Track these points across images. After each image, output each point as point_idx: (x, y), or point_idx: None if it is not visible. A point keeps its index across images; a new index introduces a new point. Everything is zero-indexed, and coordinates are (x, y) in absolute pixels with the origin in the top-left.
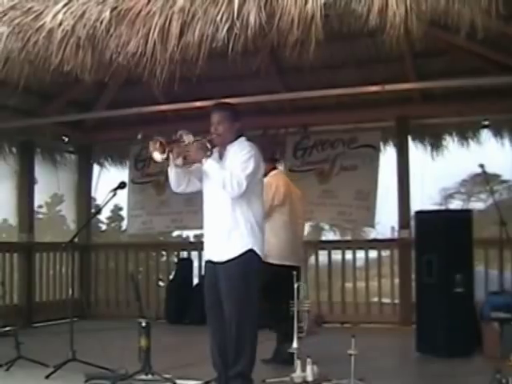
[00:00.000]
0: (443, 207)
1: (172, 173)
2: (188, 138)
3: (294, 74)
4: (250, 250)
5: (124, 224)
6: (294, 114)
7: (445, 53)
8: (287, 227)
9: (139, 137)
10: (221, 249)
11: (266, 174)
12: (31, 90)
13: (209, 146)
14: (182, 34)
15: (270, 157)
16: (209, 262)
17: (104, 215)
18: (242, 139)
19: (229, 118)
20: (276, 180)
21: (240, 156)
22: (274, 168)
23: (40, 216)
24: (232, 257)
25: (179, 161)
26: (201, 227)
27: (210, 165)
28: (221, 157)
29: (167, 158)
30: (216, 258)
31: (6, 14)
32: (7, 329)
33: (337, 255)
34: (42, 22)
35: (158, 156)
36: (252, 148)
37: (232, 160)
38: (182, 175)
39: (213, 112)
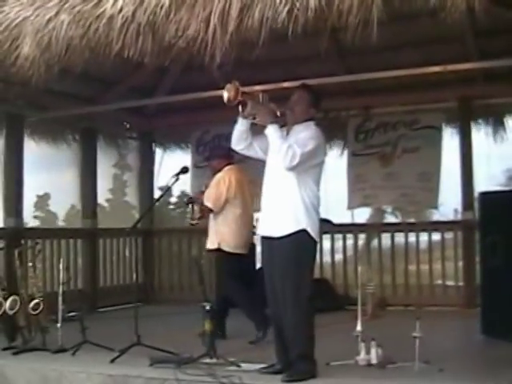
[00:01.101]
0: (508, 188)
1: (237, 129)
2: (264, 100)
3: (354, 56)
4: (304, 230)
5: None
6: (355, 97)
7: (507, 31)
8: (239, 219)
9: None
10: (275, 225)
11: (220, 169)
12: (93, 77)
13: (278, 114)
14: (241, 16)
15: (224, 153)
16: (264, 237)
17: (170, 201)
18: (311, 123)
19: (307, 101)
20: (229, 175)
21: (304, 135)
22: (229, 164)
23: (105, 203)
24: (285, 234)
25: (247, 114)
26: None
27: (272, 130)
28: (287, 133)
29: (236, 106)
30: (270, 233)
31: (66, 2)
32: (73, 314)
33: (400, 238)
34: (102, 9)
35: (225, 96)
36: (317, 132)
37: (295, 137)
38: (245, 135)
39: (296, 90)
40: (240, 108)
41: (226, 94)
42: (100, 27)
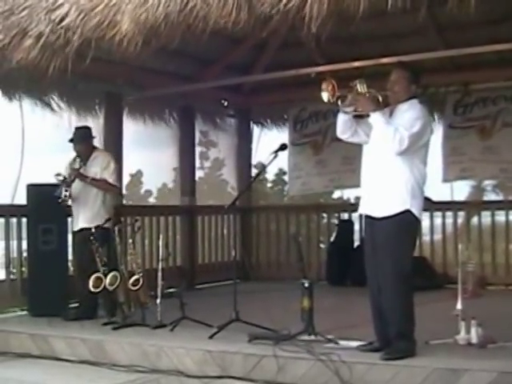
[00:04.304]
0: None
1: (340, 119)
2: (362, 88)
3: (453, 31)
4: (408, 211)
5: (287, 187)
6: (454, 72)
7: None
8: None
9: (313, 75)
10: (378, 205)
11: (91, 151)
12: (190, 55)
13: (380, 99)
14: None
15: (90, 134)
16: (367, 216)
17: (268, 178)
18: (415, 101)
19: (407, 79)
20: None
21: (409, 115)
22: (94, 145)
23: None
24: (389, 214)
25: (348, 107)
26: (358, 186)
27: (376, 117)
28: (390, 114)
29: (336, 102)
30: (372, 213)
31: None
32: (172, 290)
33: (500, 216)
34: None
35: (325, 96)
36: (422, 111)
37: (400, 118)
38: (349, 124)
39: (393, 70)
40: (340, 102)
41: (325, 94)
42: (197, 3)
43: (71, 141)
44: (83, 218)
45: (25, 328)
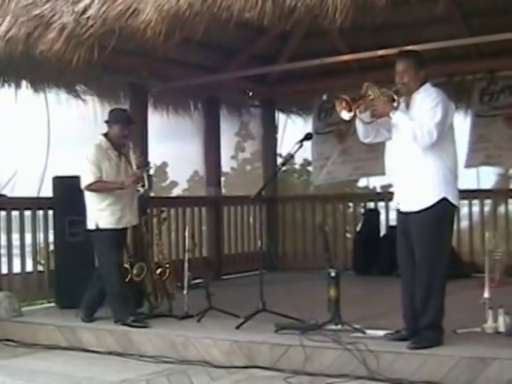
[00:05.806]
0: None
1: (360, 125)
2: (374, 92)
3: (478, 18)
4: (444, 199)
5: (312, 177)
6: (480, 60)
7: None
8: None
9: (324, 98)
10: (413, 198)
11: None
12: (214, 45)
13: (395, 97)
14: None
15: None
16: (400, 212)
17: (294, 168)
18: (428, 86)
19: (414, 67)
20: None
21: (427, 103)
22: None
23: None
24: (425, 206)
25: (367, 117)
26: (382, 173)
27: (398, 117)
28: (407, 106)
29: (356, 114)
30: (408, 208)
31: None
32: (198, 281)
33: None
34: None
35: (345, 115)
36: (439, 93)
37: (419, 108)
38: (370, 127)
39: (397, 61)
40: (358, 113)
41: (343, 113)
42: None
43: (117, 121)
44: (132, 214)
45: (52, 320)
